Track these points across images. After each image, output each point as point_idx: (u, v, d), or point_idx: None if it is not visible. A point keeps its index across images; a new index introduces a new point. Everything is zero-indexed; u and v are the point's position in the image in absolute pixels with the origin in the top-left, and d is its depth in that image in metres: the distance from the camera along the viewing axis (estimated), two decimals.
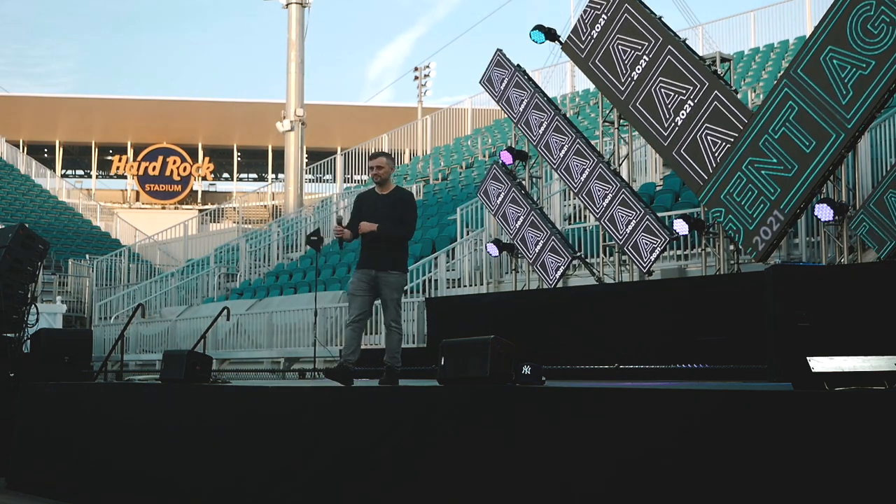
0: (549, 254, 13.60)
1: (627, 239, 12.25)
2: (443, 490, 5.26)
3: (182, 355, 7.96)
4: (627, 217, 12.31)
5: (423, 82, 39.69)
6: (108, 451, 8.19)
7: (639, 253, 12.08)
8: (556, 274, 13.50)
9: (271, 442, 6.56)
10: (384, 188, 7.31)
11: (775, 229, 10.56)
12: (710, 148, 11.28)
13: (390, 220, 7.12)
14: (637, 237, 12.12)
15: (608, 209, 12.60)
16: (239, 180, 49.07)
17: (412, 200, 7.36)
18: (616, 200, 12.51)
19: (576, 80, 29.74)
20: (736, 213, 10.93)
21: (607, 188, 12.68)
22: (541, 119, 13.89)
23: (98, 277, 27.36)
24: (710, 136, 11.29)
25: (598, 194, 12.78)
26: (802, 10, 23.97)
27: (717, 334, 9.09)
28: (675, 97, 11.72)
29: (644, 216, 12.12)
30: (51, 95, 48.80)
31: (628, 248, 12.25)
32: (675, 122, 11.69)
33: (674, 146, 11.72)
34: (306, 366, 16.82)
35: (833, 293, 4.39)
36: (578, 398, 4.95)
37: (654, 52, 12.00)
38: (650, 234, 11.99)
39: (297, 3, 29.70)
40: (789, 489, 3.84)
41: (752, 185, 10.78)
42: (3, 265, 9.93)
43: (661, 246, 11.91)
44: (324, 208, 27.63)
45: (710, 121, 11.33)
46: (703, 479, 4.14)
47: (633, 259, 12.31)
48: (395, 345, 7.12)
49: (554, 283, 13.44)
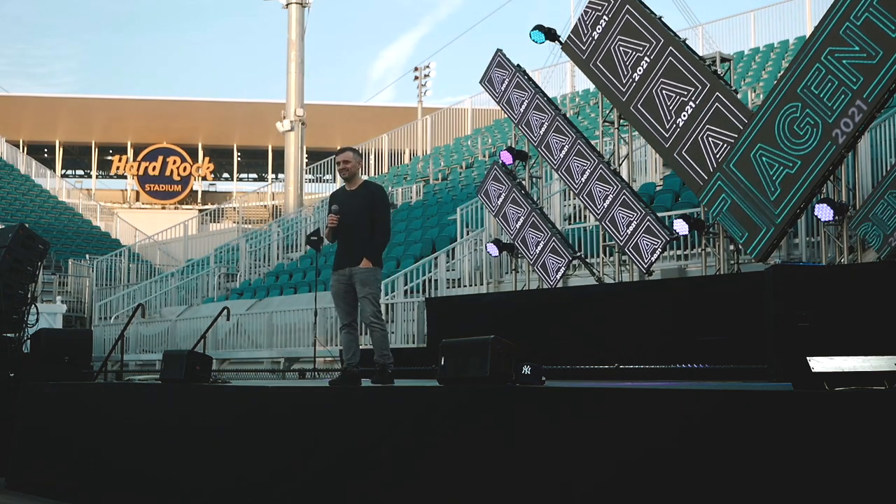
0: (550, 254, 13.60)
1: (628, 240, 12.24)
2: (443, 490, 5.26)
3: (182, 355, 7.96)
4: (628, 218, 12.31)
5: (424, 82, 39.71)
6: (108, 451, 8.19)
7: (639, 254, 12.07)
8: (556, 275, 13.50)
9: (271, 442, 6.56)
10: (352, 184, 7.22)
11: (857, 120, 9.97)
12: (712, 149, 11.27)
13: (361, 216, 7.01)
14: (638, 238, 12.12)
15: (609, 210, 12.59)
16: (239, 180, 49.09)
17: (381, 194, 7.24)
18: (617, 201, 12.51)
19: (576, 80, 29.77)
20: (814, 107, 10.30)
21: (608, 189, 12.67)
22: (541, 119, 13.89)
23: (98, 277, 27.37)
24: (712, 137, 11.29)
25: (598, 195, 12.78)
26: (802, 10, 24.00)
27: (717, 334, 9.09)
28: (676, 98, 11.72)
29: (645, 217, 12.12)
30: (51, 95, 48.83)
31: (629, 248, 12.24)
32: (677, 124, 11.69)
33: (675, 147, 11.71)
34: (306, 366, 16.82)
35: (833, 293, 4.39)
36: (578, 398, 4.95)
37: (656, 54, 11.99)
38: (651, 235, 11.98)
39: (297, 3, 29.71)
40: (789, 489, 3.84)
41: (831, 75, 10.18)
42: (3, 265, 9.93)
43: (661, 246, 11.91)
44: (324, 208, 27.60)
45: (711, 122, 11.33)
46: (703, 479, 4.14)
47: (633, 259, 12.31)
48: (379, 342, 6.95)
49: (554, 284, 13.44)
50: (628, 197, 12.42)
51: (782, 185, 10.42)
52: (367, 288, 6.94)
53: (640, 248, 12.08)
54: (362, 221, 7.03)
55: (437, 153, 30.62)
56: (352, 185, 7.23)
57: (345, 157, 7.21)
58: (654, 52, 12.02)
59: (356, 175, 7.24)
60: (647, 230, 12.04)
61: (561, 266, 13.46)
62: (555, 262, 13.54)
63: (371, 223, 7.03)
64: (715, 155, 11.24)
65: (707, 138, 11.34)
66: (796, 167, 10.31)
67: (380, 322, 6.98)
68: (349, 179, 7.23)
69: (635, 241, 12.15)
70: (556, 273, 13.50)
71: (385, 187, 11.49)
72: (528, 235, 13.98)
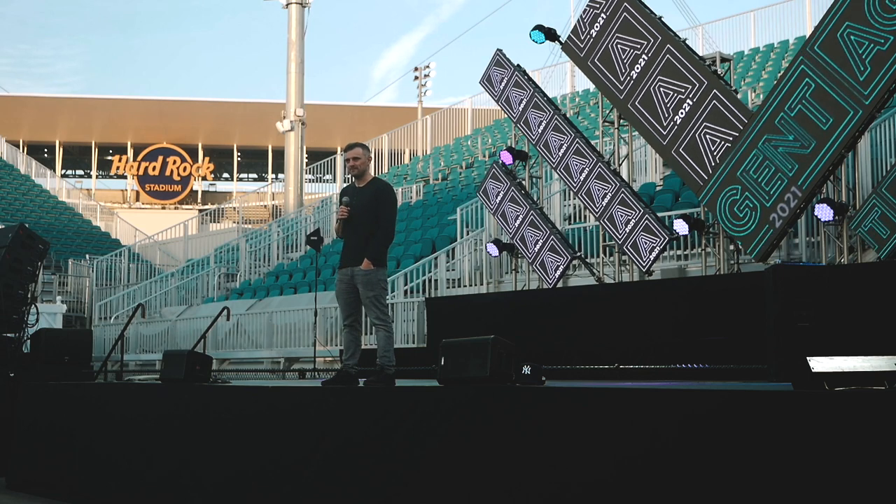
0: (549, 253, 13.61)
1: (627, 238, 12.25)
2: (443, 490, 5.26)
3: (182, 355, 7.96)
4: (627, 216, 12.32)
5: (424, 82, 39.71)
6: (107, 450, 8.19)
7: (638, 252, 12.08)
8: (555, 273, 13.50)
9: (272, 442, 6.56)
10: (362, 180, 7.04)
11: (792, 206, 10.38)
12: (709, 147, 11.28)
13: (367, 215, 6.86)
14: (637, 237, 12.12)
15: (607, 209, 12.60)
16: (239, 180, 49.09)
17: (389, 192, 7.04)
18: (615, 200, 12.52)
19: (576, 80, 29.76)
20: (752, 190, 10.74)
21: (606, 187, 12.68)
22: (540, 118, 13.90)
23: (98, 277, 27.36)
24: (709, 134, 11.30)
25: (597, 194, 12.79)
26: (802, 10, 23.98)
27: (717, 334, 9.09)
28: (674, 96, 11.73)
29: (643, 216, 12.12)
30: (51, 95, 48.85)
31: (628, 247, 12.25)
32: (674, 121, 11.70)
33: (673, 145, 11.73)
34: (306, 366, 16.81)
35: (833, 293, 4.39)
36: (578, 398, 4.95)
37: (654, 52, 12.01)
38: (650, 234, 11.98)
39: (297, 3, 29.71)
40: (789, 489, 3.84)
41: (769, 161, 10.62)
42: (3, 265, 9.93)
43: (661, 245, 11.91)
44: (324, 208, 27.61)
45: (708, 119, 11.35)
46: (703, 479, 4.14)
47: (632, 259, 12.31)
48: (382, 342, 6.76)
49: (554, 283, 13.45)
50: (627, 196, 12.42)
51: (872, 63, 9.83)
52: (370, 291, 6.78)
53: (638, 247, 12.09)
54: (367, 220, 6.86)
55: (437, 153, 30.60)
56: (361, 181, 7.05)
57: (354, 154, 7.04)
58: (651, 50, 12.04)
59: (366, 172, 7.05)
60: (645, 229, 12.04)
61: (560, 265, 13.46)
62: (553, 261, 13.54)
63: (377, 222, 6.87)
64: (712, 152, 11.26)
65: (705, 136, 11.36)
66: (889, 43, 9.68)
67: (384, 322, 6.80)
68: (359, 176, 7.05)
69: (634, 240, 12.15)
70: (554, 271, 13.50)
71: None
72: (527, 234, 13.98)
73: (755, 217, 10.80)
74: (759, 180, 10.72)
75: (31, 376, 9.68)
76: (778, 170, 10.56)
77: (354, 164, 7.04)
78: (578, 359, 10.06)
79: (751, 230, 10.72)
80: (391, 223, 6.96)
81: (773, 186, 10.60)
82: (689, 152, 11.52)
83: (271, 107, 35.12)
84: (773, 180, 10.62)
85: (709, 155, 11.29)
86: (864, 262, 11.01)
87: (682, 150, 11.60)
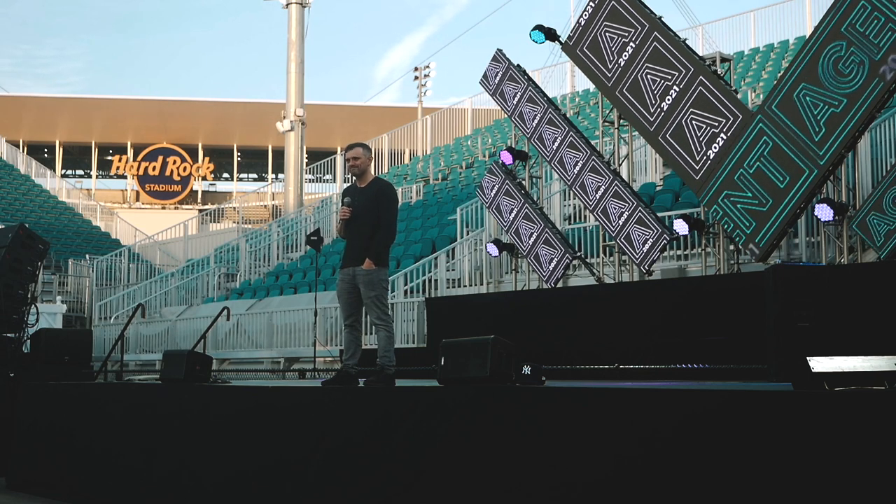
0: (543, 246, 13.65)
1: (620, 231, 12.33)
2: (443, 490, 5.26)
3: (182, 355, 7.96)
4: (620, 209, 12.39)
5: (424, 82, 39.71)
6: (107, 450, 8.19)
7: (632, 245, 12.14)
8: (549, 266, 13.53)
9: (272, 442, 6.56)
10: (363, 180, 7.02)
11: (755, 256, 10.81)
12: (696, 132, 11.43)
13: (368, 214, 6.83)
14: (630, 229, 12.19)
15: (601, 201, 12.68)
16: (239, 180, 49.09)
17: (390, 192, 7.02)
18: (609, 192, 12.60)
19: (576, 80, 29.75)
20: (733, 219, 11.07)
21: (600, 180, 12.75)
22: (534, 112, 13.95)
23: (98, 277, 27.36)
24: (696, 120, 11.45)
25: (590, 186, 12.87)
26: (802, 10, 23.98)
27: (716, 334, 9.10)
28: (660, 83, 11.87)
29: (636, 208, 12.20)
30: (51, 95, 48.84)
31: (621, 240, 12.33)
32: (661, 108, 11.83)
33: (659, 131, 11.86)
34: (306, 366, 16.81)
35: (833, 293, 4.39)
36: (578, 398, 4.95)
37: (641, 39, 12.15)
38: (643, 227, 12.05)
39: (297, 3, 29.71)
40: (789, 489, 3.84)
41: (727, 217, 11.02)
42: (3, 265, 9.93)
43: (654, 238, 11.92)
44: (324, 208, 27.62)
45: (695, 106, 11.48)
46: (703, 479, 4.14)
47: (625, 251, 12.37)
48: (382, 342, 6.74)
49: (548, 276, 13.48)
50: (620, 188, 12.50)
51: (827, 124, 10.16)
52: (371, 291, 6.76)
53: (631, 240, 12.16)
54: (368, 220, 6.84)
55: (437, 153, 30.60)
56: (362, 181, 7.03)
57: (354, 154, 7.02)
58: (639, 38, 12.16)
59: (367, 172, 7.03)
60: (638, 221, 12.11)
61: (554, 257, 13.49)
62: (548, 254, 13.57)
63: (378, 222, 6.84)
64: (699, 138, 11.37)
65: (691, 122, 11.49)
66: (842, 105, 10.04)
67: (384, 322, 6.78)
68: (359, 176, 7.03)
69: (627, 233, 12.22)
70: (549, 264, 13.53)
71: None
72: (522, 227, 14.04)
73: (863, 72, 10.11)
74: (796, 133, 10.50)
75: (31, 376, 9.68)
76: (736, 226, 10.88)
77: (355, 164, 7.02)
78: (578, 359, 10.07)
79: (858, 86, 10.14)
80: (392, 223, 6.94)
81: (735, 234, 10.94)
82: (676, 138, 11.65)
83: (271, 107, 35.11)
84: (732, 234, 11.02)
85: (695, 141, 11.42)
86: (864, 262, 11.01)
87: (669, 136, 11.74)
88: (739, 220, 10.92)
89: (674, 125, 11.67)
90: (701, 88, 11.41)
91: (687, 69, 11.60)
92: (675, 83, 11.68)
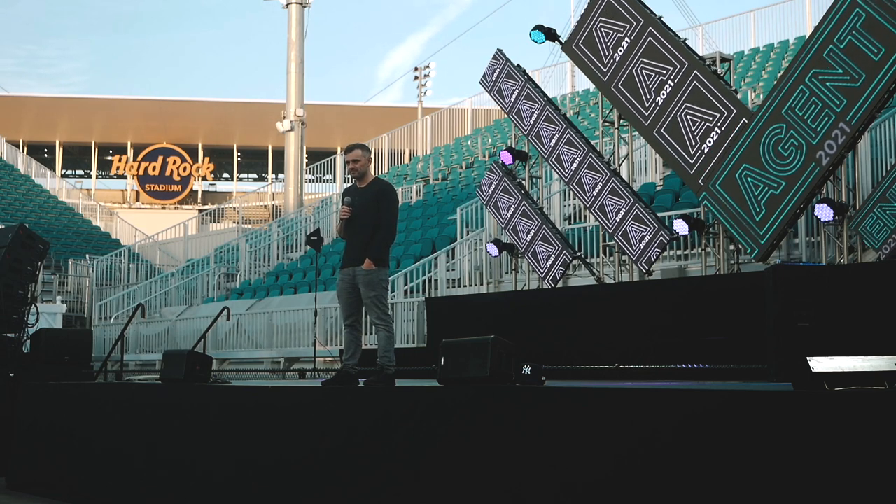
0: (541, 243, 13.67)
1: (617, 227, 12.36)
2: (443, 490, 5.26)
3: (182, 355, 7.96)
4: (617, 206, 12.43)
5: (424, 82, 39.71)
6: (107, 450, 8.19)
7: (629, 242, 12.16)
8: (546, 263, 13.54)
9: (272, 442, 6.56)
10: (363, 181, 7.03)
11: (840, 142, 10.02)
12: (690, 127, 11.48)
13: (368, 215, 6.85)
14: (627, 225, 12.22)
15: (598, 198, 12.71)
16: (239, 180, 49.09)
17: (391, 192, 7.03)
18: (606, 189, 12.63)
19: (576, 80, 29.75)
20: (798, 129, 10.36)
21: (597, 177, 12.79)
22: (532, 109, 13.99)
23: (98, 277, 27.36)
24: (690, 115, 11.50)
25: (588, 183, 12.90)
26: (802, 10, 23.98)
27: (716, 334, 9.09)
28: (655, 77, 11.93)
29: (633, 204, 12.24)
30: (51, 95, 48.83)
31: (618, 237, 12.35)
32: (656, 102, 11.89)
33: (654, 126, 11.92)
34: (306, 366, 16.81)
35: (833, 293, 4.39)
36: (578, 398, 4.95)
37: (636, 34, 12.20)
38: (639, 223, 12.08)
39: (297, 3, 29.70)
40: (789, 489, 3.84)
41: (815, 97, 10.23)
42: (3, 265, 9.93)
43: (651, 235, 11.94)
44: (324, 208, 27.62)
45: (689, 100, 11.53)
46: (703, 479, 4.14)
47: (624, 249, 12.37)
48: (383, 342, 6.75)
49: (545, 274, 13.49)
50: (617, 185, 12.54)
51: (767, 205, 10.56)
52: (371, 291, 6.77)
53: (628, 236, 12.19)
54: (368, 220, 6.85)
55: (437, 153, 30.60)
56: (362, 182, 7.04)
57: (353, 156, 7.02)
58: (634, 33, 12.23)
59: (367, 172, 7.04)
60: (635, 217, 12.15)
61: (551, 254, 13.50)
62: (546, 251, 13.59)
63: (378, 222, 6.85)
64: (693, 133, 11.43)
65: (686, 116, 11.54)
66: (781, 188, 10.44)
67: (384, 322, 6.79)
68: (359, 177, 7.04)
69: (624, 229, 12.25)
70: (546, 261, 13.55)
71: None
72: (519, 224, 14.07)
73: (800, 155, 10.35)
74: (805, 117, 10.33)
75: (31, 376, 9.68)
76: (825, 105, 10.15)
77: (354, 165, 7.04)
78: (578, 359, 10.06)
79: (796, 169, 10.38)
80: (392, 223, 6.95)
81: (820, 123, 10.20)
82: (671, 132, 11.70)
83: (271, 107, 35.10)
84: (820, 116, 10.20)
85: (690, 135, 11.47)
86: (864, 262, 11.01)
87: (664, 130, 11.79)
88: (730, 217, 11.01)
89: (668, 120, 11.72)
90: (695, 83, 11.46)
91: (682, 64, 11.65)
92: (669, 78, 11.73)
